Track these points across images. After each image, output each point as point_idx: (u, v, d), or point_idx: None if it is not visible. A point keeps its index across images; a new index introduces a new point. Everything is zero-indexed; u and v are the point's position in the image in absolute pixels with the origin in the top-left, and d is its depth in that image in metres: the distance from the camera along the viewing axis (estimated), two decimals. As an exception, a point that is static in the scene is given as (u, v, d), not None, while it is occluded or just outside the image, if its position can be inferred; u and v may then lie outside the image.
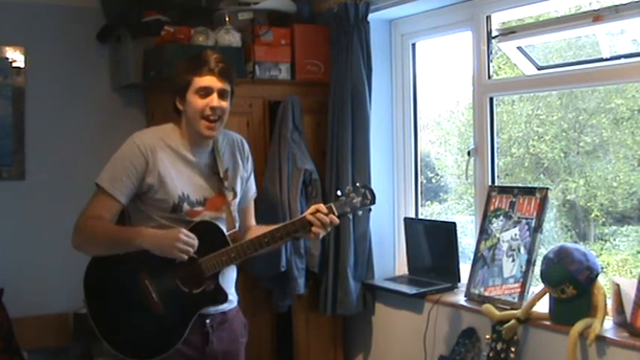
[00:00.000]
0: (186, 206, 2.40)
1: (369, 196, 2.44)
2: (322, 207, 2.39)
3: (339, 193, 2.45)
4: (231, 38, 3.65)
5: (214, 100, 2.37)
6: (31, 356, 3.64)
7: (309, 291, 3.66)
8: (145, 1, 3.83)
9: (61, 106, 3.96)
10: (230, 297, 2.49)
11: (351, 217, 2.47)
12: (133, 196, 2.40)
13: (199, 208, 2.43)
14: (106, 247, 2.36)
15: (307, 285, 3.60)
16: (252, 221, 2.69)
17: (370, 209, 2.49)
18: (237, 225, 2.53)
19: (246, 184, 2.61)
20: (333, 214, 2.39)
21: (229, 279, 2.53)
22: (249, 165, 2.63)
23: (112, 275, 2.39)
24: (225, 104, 2.40)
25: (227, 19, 3.70)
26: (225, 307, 2.49)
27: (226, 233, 2.44)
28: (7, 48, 3.83)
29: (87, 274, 2.42)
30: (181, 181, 2.41)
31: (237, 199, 2.55)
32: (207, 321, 2.44)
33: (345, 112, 3.58)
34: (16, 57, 3.85)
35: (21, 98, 3.86)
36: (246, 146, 2.63)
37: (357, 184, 2.48)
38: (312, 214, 2.38)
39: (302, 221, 2.39)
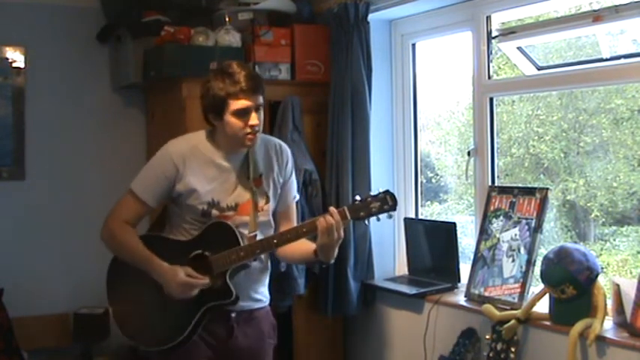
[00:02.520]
0: (215, 212, 2.48)
1: (390, 202, 2.39)
2: (334, 210, 2.39)
3: (357, 197, 2.43)
4: (231, 38, 3.65)
5: (253, 118, 2.42)
6: (31, 356, 3.64)
7: (309, 291, 3.66)
8: (145, 1, 3.83)
9: (61, 106, 3.97)
10: (257, 296, 2.59)
11: (367, 222, 2.44)
12: (164, 200, 2.54)
13: (230, 213, 2.49)
14: (126, 260, 2.51)
15: (307, 285, 3.60)
16: (293, 225, 2.67)
17: (391, 215, 2.41)
18: (272, 230, 2.58)
19: (282, 189, 2.62)
20: (346, 217, 2.38)
21: (257, 280, 2.59)
22: (288, 170, 2.64)
23: (131, 267, 2.50)
24: (262, 116, 2.47)
25: (227, 19, 3.70)
26: (251, 305, 2.56)
27: (245, 234, 2.48)
28: (7, 48, 3.84)
29: (111, 264, 2.57)
30: (212, 187, 2.48)
31: (272, 204, 2.58)
32: (233, 315, 2.51)
33: (345, 112, 3.58)
34: (16, 57, 3.85)
35: (21, 98, 3.86)
36: (286, 152, 2.64)
37: (380, 190, 2.43)
38: (323, 217, 2.39)
39: (312, 224, 2.41)
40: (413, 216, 3.79)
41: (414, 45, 3.81)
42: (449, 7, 3.46)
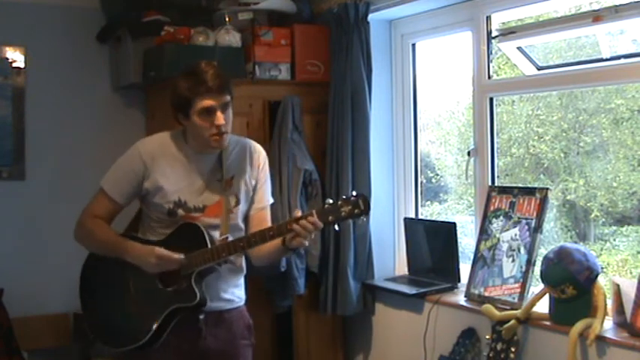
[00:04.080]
0: (181, 212, 2.45)
1: (362, 206, 2.28)
2: (299, 213, 2.34)
3: (330, 200, 2.36)
4: (231, 38, 3.65)
5: (218, 118, 2.39)
6: (31, 356, 3.64)
7: (309, 291, 3.66)
8: (145, 1, 3.82)
9: (61, 106, 3.97)
10: (227, 297, 2.54)
11: (337, 227, 2.36)
12: (134, 198, 2.52)
13: (197, 214, 2.47)
14: (100, 251, 2.52)
15: (307, 285, 3.60)
16: None
17: (363, 220, 2.34)
18: (242, 233, 2.54)
19: (254, 193, 2.59)
20: (312, 219, 2.31)
21: (227, 280, 2.54)
22: (262, 173, 2.61)
23: (104, 267, 2.52)
24: (229, 115, 2.44)
25: (227, 19, 3.70)
26: (221, 305, 2.52)
27: (214, 237, 2.44)
28: (7, 48, 3.84)
29: (85, 264, 2.59)
30: (180, 187, 2.46)
31: (241, 207, 2.55)
32: (201, 317, 2.48)
33: (345, 112, 3.58)
34: (16, 57, 3.85)
35: (21, 98, 3.86)
36: (261, 154, 2.61)
37: (354, 193, 2.34)
38: (292, 220, 2.34)
39: (280, 227, 2.36)
40: (413, 216, 3.79)
41: (414, 45, 3.81)
42: (449, 7, 3.46)
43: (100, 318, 2.54)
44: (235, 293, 2.59)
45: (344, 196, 2.34)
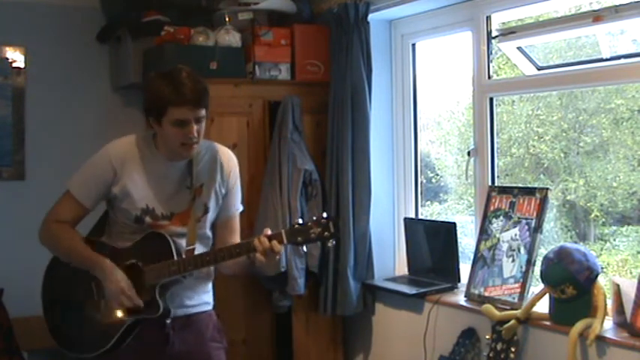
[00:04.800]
0: (148, 219, 2.42)
1: (332, 229, 2.29)
2: (268, 231, 2.33)
3: (300, 221, 2.35)
4: (231, 38, 3.65)
5: (192, 130, 2.34)
6: (31, 356, 3.64)
7: (309, 291, 3.65)
8: (145, 1, 3.82)
9: (61, 106, 3.96)
10: (192, 303, 2.51)
11: (304, 248, 2.36)
12: (101, 201, 2.48)
13: (164, 222, 2.43)
14: (65, 258, 2.48)
15: (307, 285, 3.60)
16: (233, 239, 2.59)
17: (332, 242, 2.33)
18: (210, 241, 2.52)
19: (223, 201, 2.55)
20: (282, 241, 2.30)
21: (193, 288, 2.51)
22: (232, 181, 2.55)
23: (68, 274, 2.48)
24: (202, 128, 2.38)
25: (227, 19, 3.70)
26: (187, 310, 2.50)
27: (181, 246, 2.42)
28: (7, 48, 3.84)
29: (48, 267, 2.57)
30: (148, 193, 2.42)
31: (210, 215, 2.51)
32: (168, 321, 2.45)
33: (345, 112, 3.58)
34: (16, 57, 3.85)
35: (21, 98, 3.86)
36: (231, 161, 2.56)
37: (324, 215, 2.34)
38: (258, 238, 2.31)
39: (247, 245, 2.33)
40: (413, 216, 3.79)
41: (414, 45, 3.81)
42: (449, 7, 3.46)
43: (61, 323, 2.50)
44: (203, 299, 2.56)
45: (314, 218, 2.33)
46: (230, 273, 2.62)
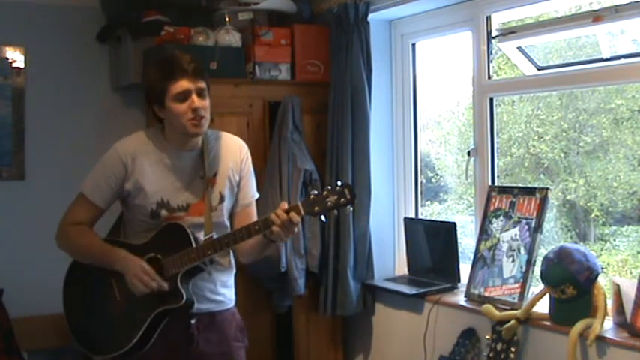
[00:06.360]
0: (164, 213, 2.41)
1: (348, 195, 2.25)
2: (285, 205, 2.30)
3: (315, 191, 2.33)
4: (231, 38, 3.65)
5: (195, 101, 2.33)
6: (31, 356, 3.64)
7: (309, 291, 3.66)
8: (145, 1, 3.82)
9: (61, 106, 3.96)
10: (216, 297, 2.49)
11: (324, 218, 2.32)
12: (115, 201, 2.47)
13: (181, 214, 2.42)
14: (85, 259, 2.46)
15: (307, 285, 3.60)
16: None
17: (350, 209, 2.29)
18: (226, 230, 2.49)
19: (238, 189, 2.54)
20: (298, 212, 2.26)
21: (215, 280, 2.50)
22: (245, 168, 2.55)
23: (88, 272, 2.46)
24: (205, 102, 2.37)
25: (227, 19, 3.70)
26: (211, 307, 2.48)
27: (198, 237, 2.40)
28: (7, 48, 3.83)
29: (69, 269, 2.54)
30: (162, 187, 2.41)
31: (226, 204, 2.50)
32: (193, 321, 2.44)
33: (345, 112, 3.58)
34: (16, 57, 3.85)
35: (21, 98, 3.86)
36: (242, 148, 2.56)
37: (338, 183, 2.31)
38: (275, 213, 2.29)
39: (265, 221, 2.31)
40: (413, 216, 3.79)
41: (414, 45, 3.81)
42: (449, 7, 3.46)
43: (83, 324, 2.47)
44: (226, 294, 2.54)
45: (329, 187, 2.30)
46: (249, 260, 2.56)
